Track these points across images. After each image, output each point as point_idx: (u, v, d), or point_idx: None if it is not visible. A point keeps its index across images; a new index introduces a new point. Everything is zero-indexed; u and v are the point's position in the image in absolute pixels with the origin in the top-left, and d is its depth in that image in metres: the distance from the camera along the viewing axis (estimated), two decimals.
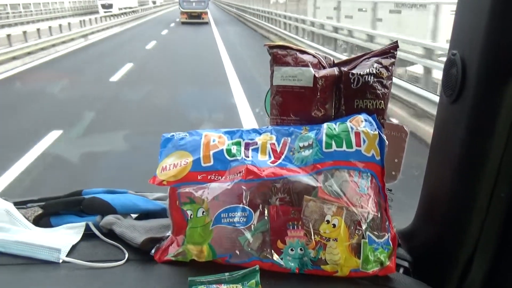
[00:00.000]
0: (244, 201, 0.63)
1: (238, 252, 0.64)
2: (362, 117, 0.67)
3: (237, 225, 0.62)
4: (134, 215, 0.80)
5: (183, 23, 23.60)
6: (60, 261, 0.65)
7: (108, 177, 3.29)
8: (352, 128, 0.65)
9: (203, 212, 0.64)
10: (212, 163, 0.65)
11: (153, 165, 0.67)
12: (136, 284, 0.59)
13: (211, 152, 0.66)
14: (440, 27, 5.78)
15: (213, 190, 0.63)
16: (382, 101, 0.71)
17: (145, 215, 0.81)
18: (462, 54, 0.54)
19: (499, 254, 0.59)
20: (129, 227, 0.70)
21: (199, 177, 0.64)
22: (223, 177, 0.64)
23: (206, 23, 23.52)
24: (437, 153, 0.65)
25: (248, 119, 4.94)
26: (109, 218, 0.73)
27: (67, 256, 0.66)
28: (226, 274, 0.57)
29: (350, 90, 0.71)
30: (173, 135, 0.70)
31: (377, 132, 0.64)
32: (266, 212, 0.63)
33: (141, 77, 8.01)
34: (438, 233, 0.65)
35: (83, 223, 0.73)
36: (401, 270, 0.65)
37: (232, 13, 33.99)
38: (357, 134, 0.64)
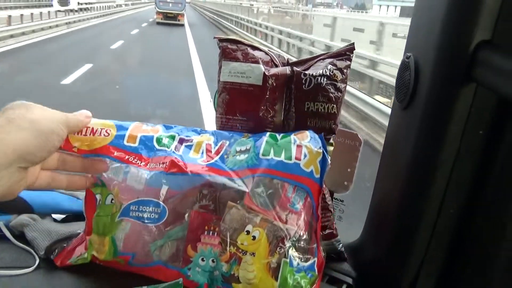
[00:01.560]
0: (160, 197, 0.56)
1: (143, 253, 0.57)
2: (308, 133, 0.62)
3: (146, 221, 0.56)
4: (59, 217, 0.71)
5: (158, 23, 23.26)
6: None
7: None
8: (295, 141, 0.59)
9: (112, 199, 0.57)
10: (136, 145, 0.58)
11: None
12: None
13: (139, 134, 0.59)
14: None
15: (128, 176, 0.57)
16: (335, 105, 0.66)
17: (74, 216, 0.72)
18: (416, 56, 0.50)
19: (444, 276, 0.55)
20: (43, 231, 0.61)
21: (115, 154, 0.57)
22: (144, 164, 0.57)
23: (182, 25, 23.29)
24: (387, 163, 0.61)
25: None
26: (22, 218, 0.63)
27: None
28: (144, 287, 0.50)
29: (301, 91, 0.66)
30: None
31: (321, 151, 0.58)
32: (186, 217, 0.56)
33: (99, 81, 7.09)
34: (384, 249, 0.61)
35: None
36: (344, 287, 0.60)
37: (208, 17, 33.84)
38: (299, 147, 0.59)
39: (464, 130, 0.46)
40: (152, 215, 0.55)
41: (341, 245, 0.67)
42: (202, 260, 0.54)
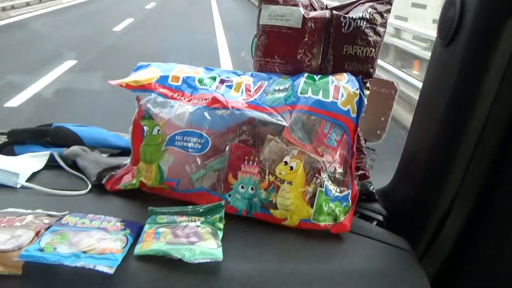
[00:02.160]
0: (203, 129, 0.59)
1: (186, 180, 0.61)
2: (346, 75, 0.63)
3: (190, 150, 0.59)
4: (105, 154, 0.76)
5: None
6: (18, 186, 0.62)
7: None
8: (332, 81, 0.61)
9: (159, 130, 0.61)
10: (179, 84, 0.63)
11: None
12: (95, 212, 0.55)
13: (182, 75, 0.63)
14: None
15: (172, 109, 0.61)
16: (373, 49, 0.67)
17: (119, 153, 0.77)
18: None
19: (474, 212, 0.57)
20: (92, 161, 0.67)
21: (160, 90, 0.61)
22: (186, 100, 0.61)
23: None
24: (425, 104, 0.62)
25: None
26: (74, 149, 0.69)
27: (26, 181, 0.63)
28: (189, 207, 0.54)
29: (340, 34, 0.67)
30: (149, 63, 0.66)
31: (358, 92, 0.60)
32: (227, 149, 0.59)
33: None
34: (415, 189, 0.63)
35: (47, 152, 0.69)
36: (374, 223, 0.63)
37: None
38: (336, 88, 0.60)
39: (509, 62, 0.46)
40: (196, 145, 0.59)
41: (372, 186, 0.70)
42: (242, 187, 0.58)
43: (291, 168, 0.56)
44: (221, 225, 0.54)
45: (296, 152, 0.57)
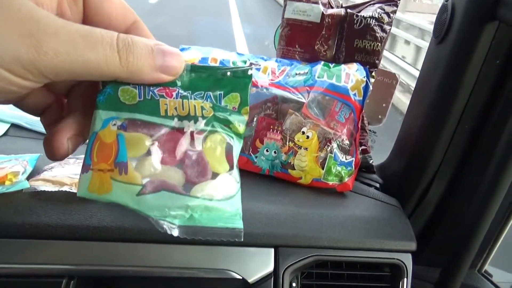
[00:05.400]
0: None
1: None
2: (356, 65, 0.75)
3: None
4: None
5: None
6: None
7: None
8: (344, 69, 0.73)
9: None
10: (217, 64, 0.75)
11: None
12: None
13: (219, 58, 0.75)
14: None
15: None
16: (379, 44, 0.79)
17: None
18: (454, 0, 0.62)
19: (452, 182, 0.70)
20: None
21: None
22: None
23: None
24: (419, 91, 0.74)
25: None
26: None
27: None
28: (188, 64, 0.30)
29: (352, 30, 0.79)
30: (190, 47, 0.79)
31: (365, 79, 0.72)
32: (254, 120, 0.72)
33: None
34: (407, 163, 0.76)
35: None
36: (373, 188, 0.76)
37: None
38: (347, 75, 0.73)
39: (485, 59, 0.59)
40: None
41: (372, 160, 0.83)
42: (266, 151, 0.71)
43: (308, 137, 0.69)
44: (240, 125, 0.31)
45: (312, 125, 0.70)
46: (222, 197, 0.29)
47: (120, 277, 0.51)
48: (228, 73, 0.30)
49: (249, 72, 0.31)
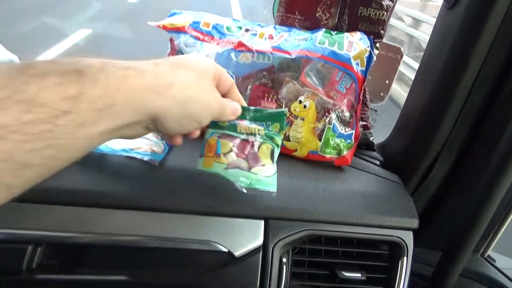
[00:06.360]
0: (229, 71, 0.67)
1: None
2: (360, 33, 0.70)
3: None
4: None
5: None
6: None
7: None
8: (347, 37, 0.68)
9: None
10: (210, 29, 0.70)
11: None
12: None
13: (212, 22, 0.70)
14: None
15: (203, 50, 0.68)
16: (385, 13, 0.74)
17: None
18: None
19: (458, 160, 0.65)
20: None
21: (193, 33, 0.68)
22: (216, 43, 0.68)
23: None
24: (425, 66, 0.69)
25: None
26: None
27: None
28: (252, 108, 0.51)
29: None
30: (182, 11, 0.73)
31: (368, 49, 0.67)
32: (248, 89, 0.67)
33: None
34: (409, 141, 0.71)
35: None
36: (373, 165, 0.71)
37: None
38: (350, 43, 0.67)
39: (501, 25, 0.54)
40: None
41: (372, 137, 0.78)
42: None
43: (305, 106, 0.65)
44: (279, 140, 0.52)
45: (310, 94, 0.65)
46: (266, 175, 0.50)
47: (93, 245, 0.47)
48: (273, 112, 0.52)
49: (285, 112, 0.53)
